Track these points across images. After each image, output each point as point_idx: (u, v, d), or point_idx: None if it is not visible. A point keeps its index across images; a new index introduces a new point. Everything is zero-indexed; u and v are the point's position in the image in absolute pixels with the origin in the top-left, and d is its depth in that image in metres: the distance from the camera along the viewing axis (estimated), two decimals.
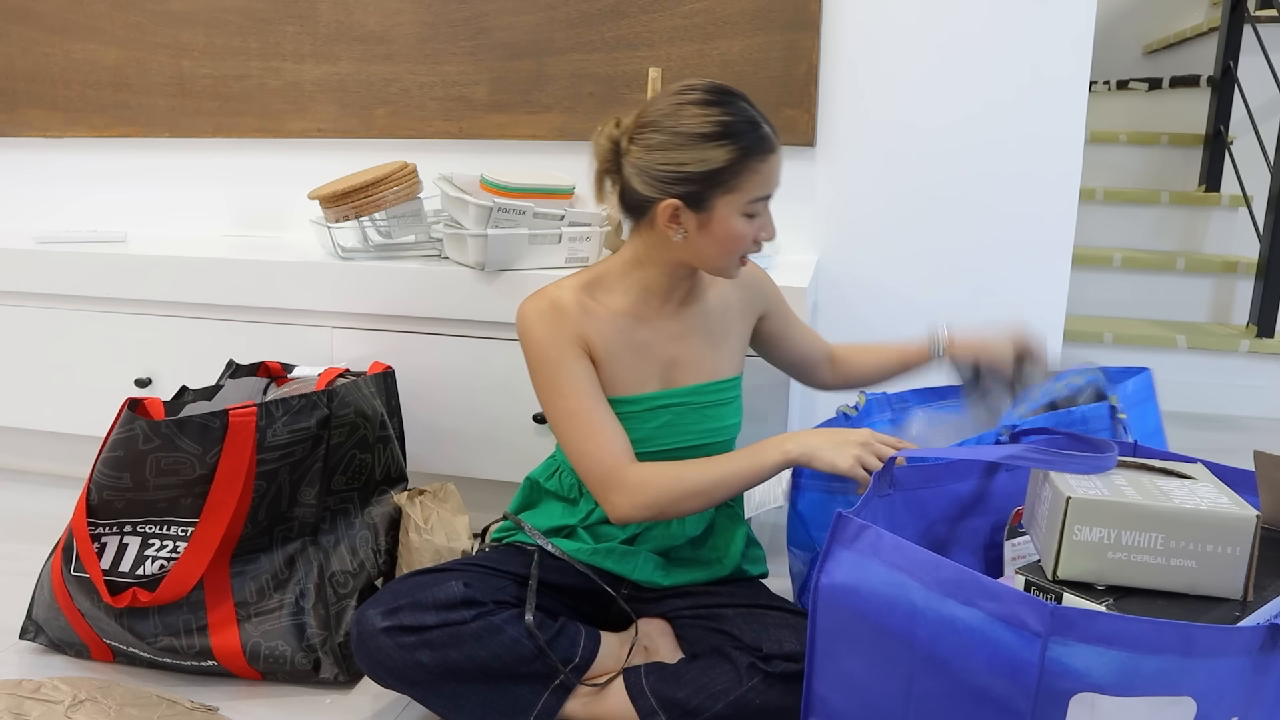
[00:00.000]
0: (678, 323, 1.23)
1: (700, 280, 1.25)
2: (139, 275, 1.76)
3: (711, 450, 1.24)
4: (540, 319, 1.16)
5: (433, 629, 1.09)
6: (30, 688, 1.09)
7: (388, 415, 1.50)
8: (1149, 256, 2.66)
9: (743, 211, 1.12)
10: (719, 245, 1.14)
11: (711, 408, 1.24)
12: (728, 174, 1.09)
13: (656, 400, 1.21)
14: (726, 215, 1.11)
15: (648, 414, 1.21)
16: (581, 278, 1.21)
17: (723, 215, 1.11)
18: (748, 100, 1.13)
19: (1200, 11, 3.40)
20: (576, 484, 1.28)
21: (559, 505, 1.28)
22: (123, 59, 2.06)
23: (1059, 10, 1.60)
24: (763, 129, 1.11)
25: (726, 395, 1.25)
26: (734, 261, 1.16)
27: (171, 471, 1.25)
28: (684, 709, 1.09)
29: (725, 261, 1.16)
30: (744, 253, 1.16)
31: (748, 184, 1.10)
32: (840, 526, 0.93)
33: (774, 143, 1.12)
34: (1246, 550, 0.85)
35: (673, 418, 1.21)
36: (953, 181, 1.69)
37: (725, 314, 1.26)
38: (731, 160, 1.09)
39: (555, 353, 1.15)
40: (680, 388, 1.22)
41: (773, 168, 1.12)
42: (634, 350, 1.20)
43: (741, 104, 1.12)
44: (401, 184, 1.64)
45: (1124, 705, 0.74)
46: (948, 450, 1.10)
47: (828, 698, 0.94)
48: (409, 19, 1.89)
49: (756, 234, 1.14)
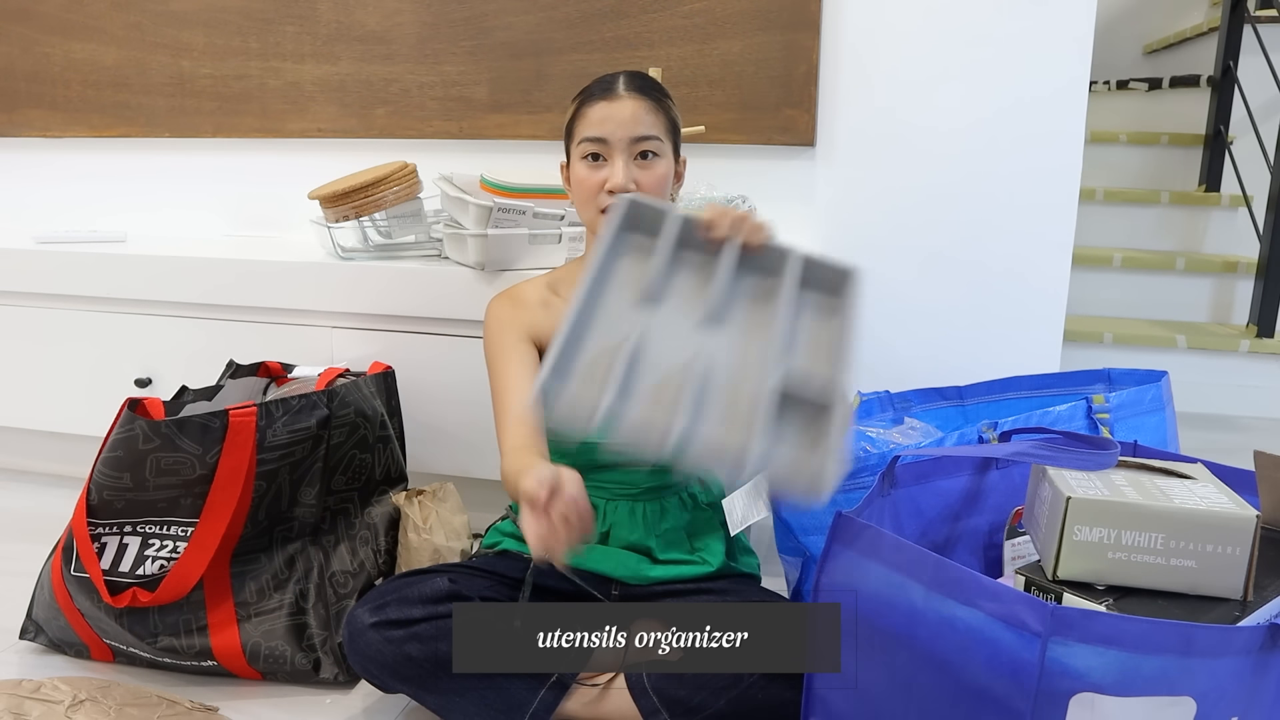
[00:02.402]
0: None
1: None
2: (139, 275, 1.76)
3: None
4: (497, 308, 1.27)
5: (420, 622, 1.10)
6: (30, 688, 1.09)
7: (388, 415, 1.50)
8: (1149, 256, 2.66)
9: (580, 155, 1.20)
10: (575, 193, 1.22)
11: None
12: (571, 123, 1.22)
13: None
14: (574, 162, 1.22)
15: None
16: (550, 275, 1.32)
17: (574, 163, 1.22)
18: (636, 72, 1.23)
19: (1200, 11, 3.40)
20: None
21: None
22: (123, 59, 2.06)
23: (1059, 10, 1.60)
24: (608, 83, 1.20)
25: None
26: (593, 214, 1.20)
27: (171, 471, 1.25)
28: (686, 706, 1.09)
29: (587, 212, 1.22)
30: (598, 204, 1.19)
31: (579, 127, 1.20)
32: (840, 526, 0.93)
33: (610, 92, 1.19)
34: (1246, 550, 0.85)
35: None
36: (953, 181, 1.69)
37: None
38: (574, 111, 1.22)
39: (499, 338, 1.25)
40: None
41: (599, 111, 1.18)
42: None
43: (616, 73, 1.22)
44: (401, 184, 1.64)
45: (1124, 705, 0.74)
46: (951, 449, 1.10)
47: (828, 697, 0.94)
48: (409, 19, 1.89)
49: (603, 183, 1.18)
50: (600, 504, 1.27)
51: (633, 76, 1.21)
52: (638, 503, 1.26)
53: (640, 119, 1.18)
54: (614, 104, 1.18)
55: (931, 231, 1.71)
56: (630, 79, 1.21)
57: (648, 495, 1.27)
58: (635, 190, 1.17)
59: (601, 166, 1.19)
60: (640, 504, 1.27)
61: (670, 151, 1.22)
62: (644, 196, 1.05)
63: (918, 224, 1.71)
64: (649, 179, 1.19)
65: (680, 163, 1.26)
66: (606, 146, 1.18)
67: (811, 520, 1.18)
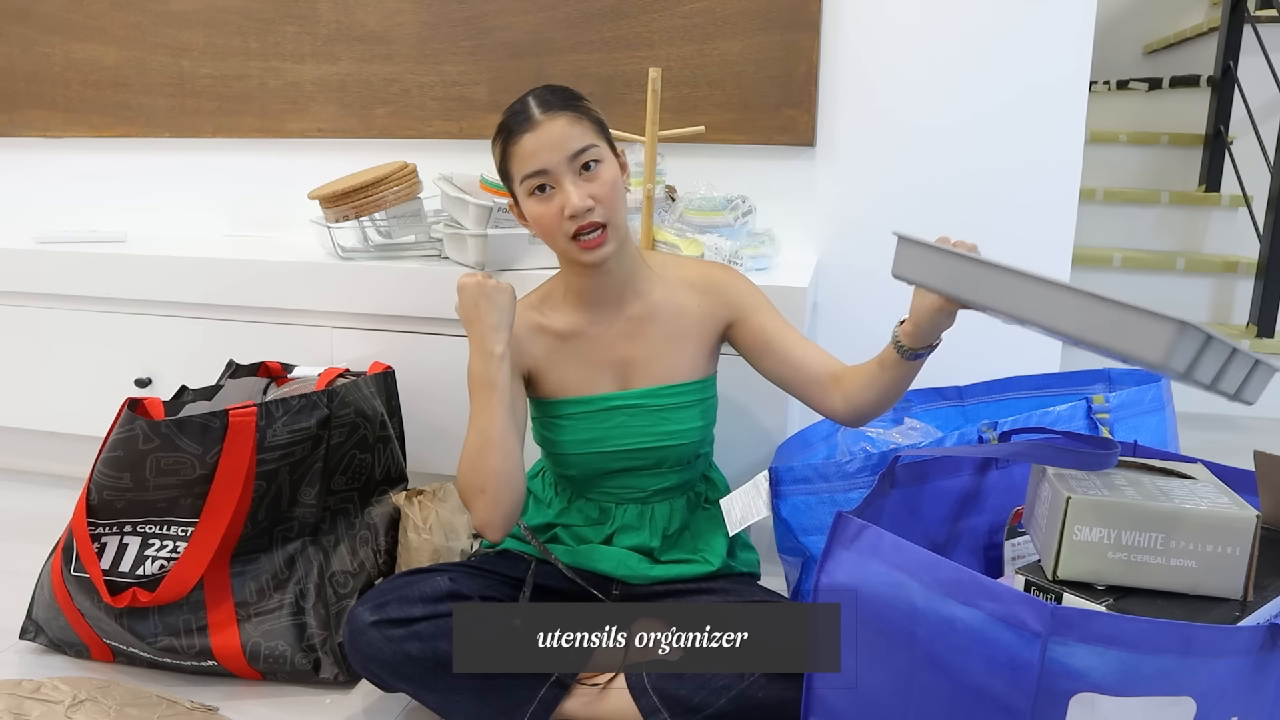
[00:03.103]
0: (625, 322, 1.23)
1: (635, 278, 1.23)
2: (139, 275, 1.76)
3: (668, 454, 1.24)
4: None
5: (420, 621, 1.11)
6: (30, 688, 1.09)
7: (388, 415, 1.50)
8: (1149, 256, 2.66)
9: (527, 193, 1.15)
10: (539, 230, 1.17)
11: (669, 410, 1.23)
12: (504, 165, 1.17)
13: (609, 401, 1.23)
14: (524, 200, 1.16)
15: (601, 414, 1.22)
16: (531, 297, 1.28)
17: (523, 201, 1.17)
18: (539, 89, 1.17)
19: (1200, 11, 3.40)
20: (553, 485, 1.31)
21: (533, 504, 1.32)
22: (123, 59, 2.06)
23: (1059, 10, 1.60)
24: (520, 114, 1.14)
25: (685, 399, 1.24)
26: (565, 243, 1.15)
27: (171, 471, 1.25)
28: (686, 706, 1.09)
29: (556, 244, 1.17)
30: (565, 232, 1.14)
31: (514, 167, 1.15)
32: (840, 526, 0.93)
33: (527, 122, 1.13)
34: (1246, 550, 0.85)
35: (626, 419, 1.22)
36: (953, 181, 1.69)
37: (679, 317, 1.24)
38: (501, 152, 1.17)
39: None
40: (634, 389, 1.23)
41: (529, 145, 1.12)
42: (582, 353, 1.23)
43: (523, 98, 1.16)
44: (401, 184, 1.64)
45: (1124, 705, 0.74)
46: (951, 449, 1.10)
47: (828, 697, 0.94)
48: (409, 19, 1.89)
49: (561, 210, 1.13)
50: (610, 507, 1.27)
51: (541, 95, 1.15)
52: (647, 505, 1.27)
53: (569, 135, 1.12)
54: (538, 132, 1.12)
55: (932, 231, 1.70)
56: (540, 99, 1.15)
57: (657, 497, 1.27)
58: (594, 205, 1.12)
59: (552, 196, 1.13)
60: (650, 506, 1.27)
61: (609, 153, 1.17)
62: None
63: (918, 224, 1.71)
64: (601, 189, 1.13)
65: (621, 155, 1.20)
66: (549, 175, 1.12)
67: (811, 520, 1.18)
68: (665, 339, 1.24)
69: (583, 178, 1.13)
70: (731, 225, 1.56)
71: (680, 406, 1.24)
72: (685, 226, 1.58)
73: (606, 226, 1.14)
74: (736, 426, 1.52)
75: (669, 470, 1.26)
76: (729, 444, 1.50)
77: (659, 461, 1.24)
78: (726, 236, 1.55)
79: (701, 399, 1.26)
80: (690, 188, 1.61)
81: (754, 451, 1.53)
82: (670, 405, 1.23)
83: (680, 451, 1.25)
